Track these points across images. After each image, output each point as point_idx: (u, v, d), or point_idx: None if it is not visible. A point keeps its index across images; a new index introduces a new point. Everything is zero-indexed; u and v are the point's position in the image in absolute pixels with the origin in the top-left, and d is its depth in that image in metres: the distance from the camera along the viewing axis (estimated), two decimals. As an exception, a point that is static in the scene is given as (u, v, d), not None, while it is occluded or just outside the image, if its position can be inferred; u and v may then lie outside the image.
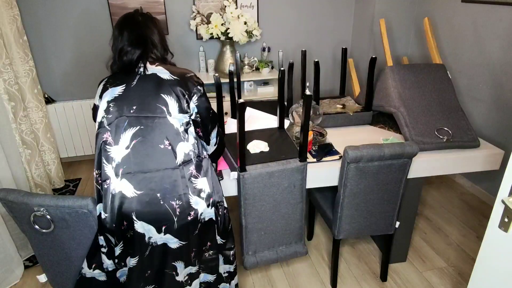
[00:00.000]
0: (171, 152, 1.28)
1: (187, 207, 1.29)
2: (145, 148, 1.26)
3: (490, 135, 2.60)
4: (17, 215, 1.35)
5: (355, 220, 1.76)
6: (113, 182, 1.26)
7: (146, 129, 1.27)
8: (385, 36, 2.08)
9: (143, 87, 1.29)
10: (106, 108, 1.28)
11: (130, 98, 1.28)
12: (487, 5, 2.52)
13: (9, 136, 2.06)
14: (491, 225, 1.02)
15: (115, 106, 1.27)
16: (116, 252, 1.33)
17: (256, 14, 3.32)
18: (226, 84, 3.30)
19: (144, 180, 1.25)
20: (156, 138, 1.27)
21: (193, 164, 1.33)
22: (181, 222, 1.29)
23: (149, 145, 1.27)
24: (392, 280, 2.01)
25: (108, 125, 1.27)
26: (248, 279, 2.03)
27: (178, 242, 1.31)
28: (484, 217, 2.54)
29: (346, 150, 1.55)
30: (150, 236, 1.28)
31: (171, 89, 1.29)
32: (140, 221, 1.26)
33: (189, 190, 1.30)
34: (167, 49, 1.41)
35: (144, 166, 1.26)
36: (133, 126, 1.27)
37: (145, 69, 1.31)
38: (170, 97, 1.29)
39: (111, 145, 1.27)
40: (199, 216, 1.34)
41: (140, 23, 1.34)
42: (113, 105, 1.28)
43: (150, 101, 1.27)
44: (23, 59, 2.41)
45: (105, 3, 3.01)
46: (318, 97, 2.09)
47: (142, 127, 1.27)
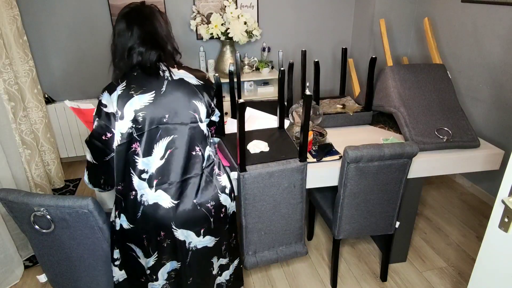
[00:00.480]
0: (201, 158, 1.29)
1: (219, 205, 1.33)
2: (180, 157, 1.24)
3: (490, 135, 2.60)
4: (17, 215, 1.35)
5: (355, 220, 1.76)
6: (146, 193, 1.23)
7: (180, 138, 1.24)
8: (385, 36, 2.08)
9: (173, 93, 1.23)
10: (134, 118, 1.19)
11: (162, 106, 1.21)
12: (487, 5, 2.52)
13: (9, 136, 2.05)
14: (491, 225, 1.02)
15: (146, 115, 1.20)
16: (150, 263, 1.32)
17: (256, 14, 3.32)
18: (226, 84, 3.30)
19: (180, 188, 1.25)
20: (189, 146, 1.26)
21: (216, 164, 1.36)
22: (216, 221, 1.33)
23: (183, 153, 1.25)
24: (392, 280, 2.01)
25: (138, 136, 1.21)
26: (248, 279, 2.03)
27: (214, 240, 1.35)
28: (484, 217, 2.54)
29: (346, 150, 1.55)
30: (190, 241, 1.30)
31: (201, 94, 1.27)
32: (180, 229, 1.27)
33: (218, 189, 1.33)
34: (177, 49, 1.36)
35: (180, 175, 1.25)
36: (167, 136, 1.23)
37: (171, 73, 1.26)
38: (201, 103, 1.27)
39: (139, 156, 1.22)
40: (228, 211, 1.39)
41: (151, 19, 1.26)
42: (143, 114, 1.20)
43: (183, 108, 1.23)
44: (23, 59, 2.40)
45: (105, 3, 3.01)
46: (318, 97, 2.09)
47: (176, 136, 1.24)
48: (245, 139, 1.50)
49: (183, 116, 1.24)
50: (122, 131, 1.21)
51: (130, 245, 1.32)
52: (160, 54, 1.25)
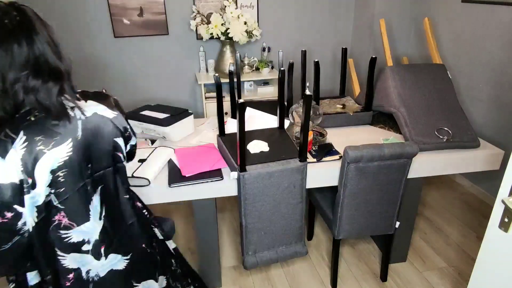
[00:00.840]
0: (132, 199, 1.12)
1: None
2: (116, 208, 1.04)
3: (490, 135, 2.60)
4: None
5: (355, 220, 1.76)
6: (94, 267, 1.00)
7: (109, 185, 1.01)
8: (385, 36, 2.08)
9: (93, 135, 0.95)
10: (51, 181, 0.89)
11: (85, 156, 0.93)
12: (487, 5, 2.52)
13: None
14: (491, 225, 1.02)
15: (68, 174, 0.90)
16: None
17: (256, 14, 3.32)
18: (226, 84, 3.29)
19: (127, 243, 1.08)
20: (120, 191, 1.05)
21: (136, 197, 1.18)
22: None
23: (117, 202, 1.05)
24: (392, 280, 2.01)
25: (61, 203, 0.91)
26: (248, 279, 2.03)
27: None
28: (484, 217, 2.54)
29: (346, 150, 1.55)
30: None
31: (119, 128, 1.02)
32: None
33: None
34: (70, 70, 0.97)
35: (122, 228, 1.06)
36: (96, 188, 0.98)
37: (82, 110, 0.94)
38: (121, 138, 1.03)
39: (70, 228, 0.94)
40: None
41: (37, 31, 0.91)
42: (63, 174, 0.90)
43: (106, 152, 0.99)
44: (23, 59, 2.40)
45: (105, 3, 3.01)
46: (318, 97, 2.09)
47: (104, 185, 1.00)
48: (245, 139, 1.50)
49: (108, 159, 1.00)
50: (37, 203, 0.88)
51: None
52: (61, 86, 0.91)
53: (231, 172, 1.59)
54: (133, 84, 3.35)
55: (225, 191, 1.61)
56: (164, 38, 3.24)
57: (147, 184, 1.53)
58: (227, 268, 2.11)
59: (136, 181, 1.54)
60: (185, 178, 1.57)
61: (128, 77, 3.32)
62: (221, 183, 1.59)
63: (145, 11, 3.10)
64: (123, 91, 3.34)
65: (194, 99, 3.54)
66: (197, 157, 1.73)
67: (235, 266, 2.12)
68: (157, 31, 3.19)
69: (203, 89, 3.14)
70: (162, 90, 3.42)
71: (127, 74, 3.30)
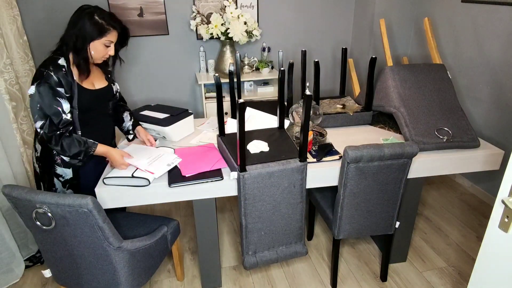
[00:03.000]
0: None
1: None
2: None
3: (490, 135, 2.60)
4: (21, 211, 1.38)
5: (355, 220, 1.76)
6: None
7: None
8: (385, 36, 2.08)
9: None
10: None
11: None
12: (487, 5, 2.52)
13: (10, 136, 2.06)
14: (491, 225, 1.02)
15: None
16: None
17: (256, 14, 3.32)
18: (226, 84, 3.30)
19: None
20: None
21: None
22: None
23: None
24: (392, 280, 2.01)
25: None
26: (248, 279, 2.03)
27: None
28: (484, 217, 2.54)
29: (346, 150, 1.55)
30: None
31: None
32: None
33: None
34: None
35: None
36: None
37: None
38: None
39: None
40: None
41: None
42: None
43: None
44: (23, 59, 2.40)
45: (105, 3, 3.01)
46: (318, 97, 2.09)
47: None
48: (245, 139, 1.50)
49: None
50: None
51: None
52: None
53: (231, 172, 1.59)
54: (133, 84, 3.35)
55: (225, 191, 1.61)
56: (164, 38, 3.24)
57: (147, 184, 1.53)
58: (227, 268, 2.11)
59: (136, 181, 1.54)
60: (185, 178, 1.58)
61: (128, 77, 3.32)
62: (221, 183, 1.59)
63: (145, 11, 3.10)
64: (123, 91, 3.34)
65: (194, 99, 3.55)
66: (197, 157, 1.73)
67: (235, 266, 2.13)
68: (157, 31, 3.19)
69: (203, 89, 3.14)
70: (162, 90, 3.42)
71: (127, 74, 3.30)
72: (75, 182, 1.71)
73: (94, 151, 1.58)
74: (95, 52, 1.56)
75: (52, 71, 1.48)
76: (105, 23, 1.53)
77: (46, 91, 1.46)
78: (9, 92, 2.15)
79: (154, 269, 1.67)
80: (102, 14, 1.53)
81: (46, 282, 2.01)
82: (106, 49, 1.59)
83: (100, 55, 1.59)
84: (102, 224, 1.33)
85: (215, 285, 1.97)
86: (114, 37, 1.58)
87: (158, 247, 1.66)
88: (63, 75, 1.51)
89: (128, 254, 1.47)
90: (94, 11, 1.52)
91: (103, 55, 1.60)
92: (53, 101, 1.48)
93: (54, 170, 1.65)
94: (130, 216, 1.83)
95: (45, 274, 1.61)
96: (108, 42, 1.56)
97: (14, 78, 2.21)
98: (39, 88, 1.46)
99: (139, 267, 1.55)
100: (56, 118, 1.49)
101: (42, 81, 1.46)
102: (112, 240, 1.39)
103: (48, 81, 1.47)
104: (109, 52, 1.61)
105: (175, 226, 1.80)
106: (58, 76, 1.49)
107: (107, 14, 1.56)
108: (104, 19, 1.53)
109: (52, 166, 1.65)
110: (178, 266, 1.96)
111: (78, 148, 1.53)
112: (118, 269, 1.46)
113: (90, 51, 1.55)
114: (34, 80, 1.48)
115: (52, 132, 1.48)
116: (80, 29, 1.50)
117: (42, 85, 1.46)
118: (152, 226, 1.74)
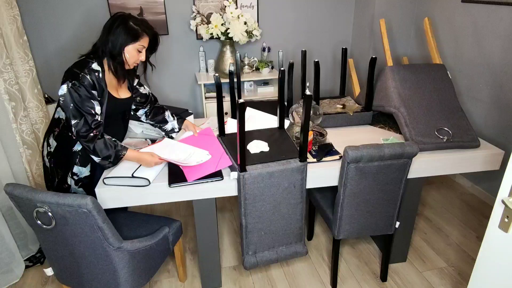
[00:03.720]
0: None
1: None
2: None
3: (490, 135, 2.60)
4: (23, 209, 1.39)
5: (355, 220, 1.76)
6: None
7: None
8: (385, 36, 2.08)
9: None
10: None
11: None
12: (487, 5, 2.52)
13: (9, 136, 2.06)
14: (491, 225, 1.02)
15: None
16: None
17: (256, 14, 3.32)
18: (226, 84, 3.30)
19: None
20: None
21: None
22: None
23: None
24: (392, 280, 2.01)
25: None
26: (248, 279, 2.03)
27: None
28: (484, 217, 2.54)
29: (346, 150, 1.55)
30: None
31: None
32: None
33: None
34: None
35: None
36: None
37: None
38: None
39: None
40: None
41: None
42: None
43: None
44: (23, 59, 2.40)
45: (105, 3, 3.01)
46: (318, 97, 2.09)
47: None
48: (245, 139, 1.50)
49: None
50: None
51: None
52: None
53: (231, 172, 1.59)
54: (133, 84, 3.35)
55: (225, 191, 1.61)
56: (164, 38, 3.24)
57: (147, 184, 1.53)
58: (227, 268, 2.11)
59: (136, 181, 1.54)
60: (185, 178, 1.57)
61: (128, 77, 3.32)
62: (221, 183, 1.59)
63: (145, 11, 3.10)
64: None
65: (194, 99, 3.55)
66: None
67: (235, 266, 2.13)
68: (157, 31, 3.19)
69: (203, 89, 3.14)
70: (162, 90, 3.42)
71: (127, 74, 3.30)
72: (88, 181, 1.72)
73: (125, 155, 1.59)
74: (129, 56, 1.60)
75: (87, 73, 1.52)
76: (140, 28, 1.57)
77: (81, 91, 1.49)
78: (8, 92, 2.15)
79: (155, 270, 1.67)
80: (136, 20, 1.59)
81: (46, 282, 2.01)
82: (138, 54, 1.62)
83: (132, 60, 1.62)
84: (101, 224, 1.33)
85: (215, 285, 1.97)
86: (146, 42, 1.62)
87: (159, 248, 1.66)
88: (97, 79, 1.55)
89: (128, 255, 1.47)
90: (129, 17, 1.57)
91: (135, 60, 1.63)
92: (88, 101, 1.51)
93: (70, 169, 1.68)
94: (132, 216, 1.83)
95: (47, 273, 1.62)
96: (141, 47, 1.60)
97: (13, 78, 2.21)
98: (73, 88, 1.49)
99: (139, 267, 1.55)
100: (91, 118, 1.52)
101: (77, 81, 1.49)
102: (112, 240, 1.39)
103: (84, 82, 1.50)
104: (141, 57, 1.64)
105: (177, 227, 1.80)
106: (92, 79, 1.53)
107: (141, 20, 1.61)
108: (138, 25, 1.58)
109: (70, 165, 1.67)
110: (180, 267, 1.96)
111: (109, 151, 1.55)
112: (118, 269, 1.46)
113: (125, 55, 1.59)
114: (67, 79, 1.50)
115: (87, 132, 1.51)
116: (116, 34, 1.54)
117: (78, 85, 1.49)
118: (153, 227, 1.74)
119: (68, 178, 1.69)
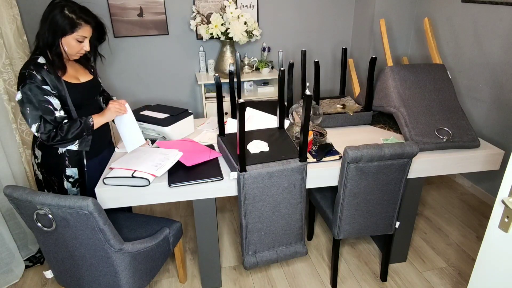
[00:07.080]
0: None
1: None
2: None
3: (490, 135, 2.60)
4: (23, 212, 1.38)
5: (355, 220, 1.76)
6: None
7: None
8: (385, 36, 2.08)
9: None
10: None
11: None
12: (487, 5, 2.52)
13: (9, 136, 2.05)
14: (491, 225, 1.02)
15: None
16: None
17: (256, 14, 3.32)
18: (226, 84, 3.30)
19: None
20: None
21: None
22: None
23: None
24: (392, 280, 2.01)
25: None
26: (248, 279, 2.03)
27: None
28: (484, 217, 2.54)
29: (346, 150, 1.55)
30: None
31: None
32: None
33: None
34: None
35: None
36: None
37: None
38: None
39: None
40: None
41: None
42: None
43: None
44: (23, 59, 2.40)
45: (105, 3, 3.01)
46: (318, 97, 2.09)
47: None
48: (245, 139, 1.50)
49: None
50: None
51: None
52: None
53: (231, 172, 1.59)
54: (133, 84, 3.35)
55: (225, 191, 1.61)
56: (164, 38, 3.24)
57: (147, 184, 1.53)
58: (227, 268, 2.11)
59: (136, 181, 1.54)
60: (185, 178, 1.57)
61: (128, 77, 3.32)
62: (221, 183, 1.59)
63: (145, 11, 3.10)
64: (123, 91, 3.34)
65: (194, 99, 3.54)
66: (187, 149, 1.75)
67: (235, 266, 2.13)
68: (157, 31, 3.19)
69: (203, 89, 3.14)
70: (162, 90, 3.42)
71: (127, 74, 3.30)
72: (81, 180, 1.70)
73: (93, 121, 1.56)
74: (68, 48, 1.50)
75: (33, 70, 1.44)
76: (76, 17, 1.46)
77: (32, 90, 1.43)
78: (8, 92, 2.15)
79: (155, 271, 1.67)
80: (73, 7, 1.46)
81: (46, 283, 2.01)
82: (80, 45, 1.51)
83: (74, 51, 1.52)
84: (103, 226, 1.33)
85: (215, 285, 1.97)
86: (87, 32, 1.51)
87: (159, 249, 1.66)
88: (46, 73, 1.47)
89: (129, 257, 1.47)
90: (65, 4, 1.45)
91: (77, 50, 1.53)
92: (42, 99, 1.45)
93: (63, 173, 1.64)
94: (132, 217, 1.82)
95: (46, 275, 1.61)
96: (80, 37, 1.49)
97: (13, 78, 2.21)
98: (24, 90, 1.43)
99: (140, 269, 1.55)
100: (50, 116, 1.46)
101: (26, 82, 1.43)
102: (113, 242, 1.38)
103: (32, 80, 1.43)
104: (84, 47, 1.53)
105: (177, 228, 1.80)
106: (41, 74, 1.45)
107: (79, 8, 1.48)
108: (75, 13, 1.45)
109: (62, 169, 1.63)
110: (180, 268, 1.96)
111: (76, 127, 1.51)
112: (119, 271, 1.46)
113: (63, 47, 1.49)
114: (18, 84, 1.44)
115: (49, 131, 1.47)
116: (50, 23, 1.44)
117: (28, 85, 1.43)
118: (154, 228, 1.74)
119: (65, 183, 1.66)
